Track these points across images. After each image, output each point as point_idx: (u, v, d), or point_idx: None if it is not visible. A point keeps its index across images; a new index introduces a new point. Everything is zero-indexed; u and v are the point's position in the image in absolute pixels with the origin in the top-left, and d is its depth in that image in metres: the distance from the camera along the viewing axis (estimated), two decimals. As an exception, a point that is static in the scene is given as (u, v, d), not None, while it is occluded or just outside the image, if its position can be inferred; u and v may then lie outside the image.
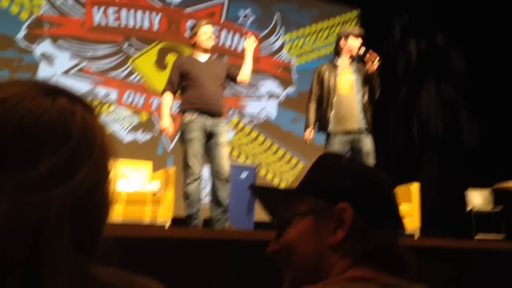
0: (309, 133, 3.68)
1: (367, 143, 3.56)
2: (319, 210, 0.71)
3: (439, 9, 6.42)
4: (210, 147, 3.40)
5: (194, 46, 3.54)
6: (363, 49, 3.63)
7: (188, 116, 3.34)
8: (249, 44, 3.57)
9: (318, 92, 3.69)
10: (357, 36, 3.67)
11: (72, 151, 0.44)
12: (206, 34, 3.50)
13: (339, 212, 0.69)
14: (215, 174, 3.37)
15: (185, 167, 3.34)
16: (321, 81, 3.69)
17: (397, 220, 0.73)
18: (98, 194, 0.47)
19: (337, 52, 3.74)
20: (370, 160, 3.52)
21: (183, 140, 3.37)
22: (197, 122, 3.33)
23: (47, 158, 0.43)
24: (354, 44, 3.65)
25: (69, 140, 0.45)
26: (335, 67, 3.69)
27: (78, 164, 0.45)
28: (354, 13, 6.92)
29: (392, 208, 0.73)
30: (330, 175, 0.74)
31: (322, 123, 3.64)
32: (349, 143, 3.55)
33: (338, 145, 3.53)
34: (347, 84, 3.62)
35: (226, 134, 3.48)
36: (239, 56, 5.98)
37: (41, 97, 0.46)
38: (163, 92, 3.50)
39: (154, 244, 2.52)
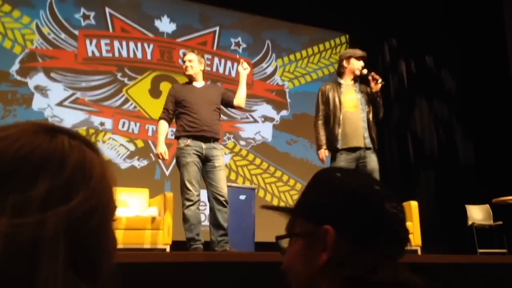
0: (323, 152, 3.65)
1: (372, 160, 3.56)
2: (308, 233, 0.71)
3: (426, 32, 6.57)
4: (207, 171, 3.42)
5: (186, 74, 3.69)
6: (365, 70, 3.71)
7: (183, 142, 3.40)
8: (243, 70, 3.65)
9: (324, 111, 3.71)
10: (358, 58, 3.74)
11: (68, 177, 0.48)
12: (184, 64, 3.66)
13: (323, 235, 0.68)
14: (214, 197, 3.37)
15: (183, 191, 3.35)
16: (326, 100, 3.71)
17: (393, 238, 0.68)
18: (95, 219, 0.49)
19: (340, 73, 3.81)
20: (376, 177, 3.50)
21: (179, 164, 3.40)
22: (193, 147, 3.38)
23: (43, 182, 0.46)
24: (356, 65, 3.72)
25: (65, 167, 0.48)
26: (339, 86, 3.74)
27: (74, 190, 0.48)
28: (343, 39, 7.06)
29: (385, 225, 0.68)
30: (320, 195, 0.72)
31: (330, 141, 3.64)
32: (355, 160, 3.56)
33: (344, 162, 3.53)
34: (351, 102, 3.66)
35: (222, 158, 3.50)
36: (233, 82, 6.05)
37: (40, 133, 0.50)
38: (159, 119, 3.59)
39: (155, 268, 2.47)
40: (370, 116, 3.64)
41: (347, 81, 3.75)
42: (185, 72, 3.65)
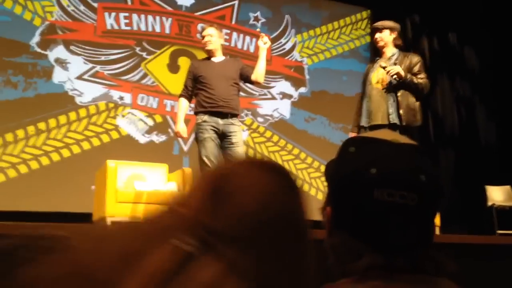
0: (350, 134, 3.68)
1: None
2: (322, 210, 0.72)
3: (450, 8, 6.39)
4: (225, 148, 3.42)
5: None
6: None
7: (200, 118, 3.42)
8: (263, 44, 3.59)
9: (362, 89, 3.72)
10: (373, 31, 3.75)
11: None
12: (203, 39, 3.62)
13: (325, 216, 0.69)
14: None
15: (201, 166, 3.38)
16: (364, 79, 3.71)
17: (382, 226, 0.63)
18: None
19: (375, 49, 3.85)
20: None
21: (197, 140, 3.43)
22: (210, 122, 3.39)
23: None
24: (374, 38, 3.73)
25: None
26: (375, 62, 3.74)
27: None
28: (365, 14, 6.90)
29: (373, 214, 0.63)
30: (329, 173, 0.72)
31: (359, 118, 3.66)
32: None
33: None
34: (377, 77, 3.60)
35: (240, 134, 3.50)
36: (251, 57, 5.99)
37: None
38: (179, 97, 3.63)
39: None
40: (401, 91, 3.50)
41: (381, 56, 3.71)
42: (205, 47, 3.62)
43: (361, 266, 0.62)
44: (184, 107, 3.57)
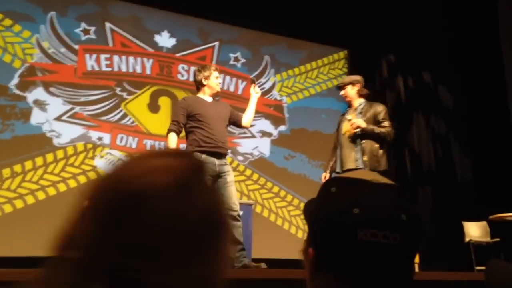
0: (324, 176, 4.05)
1: None
2: (304, 251, 0.72)
3: (423, 48, 6.62)
4: (220, 187, 3.38)
5: (201, 88, 3.60)
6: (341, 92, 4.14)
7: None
8: (255, 93, 3.72)
9: (335, 138, 4.13)
10: (338, 88, 4.17)
11: None
12: (218, 78, 3.64)
13: (307, 257, 0.69)
14: (227, 213, 3.32)
15: None
16: (337, 129, 4.12)
17: (367, 266, 0.64)
18: None
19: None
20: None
21: None
22: (207, 163, 3.33)
23: None
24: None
25: None
26: (345, 113, 4.11)
27: None
28: (342, 54, 7.10)
29: (357, 254, 0.64)
30: (311, 213, 0.72)
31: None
32: None
33: None
34: (345, 129, 3.96)
35: (232, 173, 3.52)
36: (231, 96, 6.08)
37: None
38: (168, 132, 3.49)
39: None
40: (364, 140, 3.84)
41: (351, 107, 4.08)
42: (216, 89, 3.61)
43: None
44: (175, 142, 3.45)
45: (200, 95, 3.61)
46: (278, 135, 6.40)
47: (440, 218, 5.93)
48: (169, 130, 3.48)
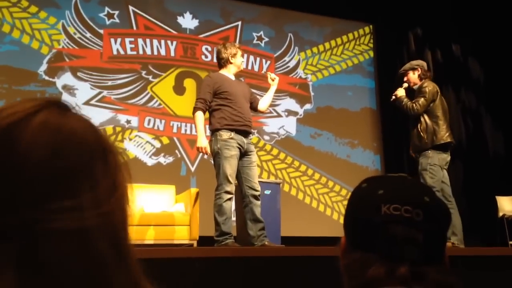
0: None
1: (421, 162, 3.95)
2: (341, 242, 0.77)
3: (452, 20, 6.42)
4: (244, 167, 3.39)
5: (226, 65, 3.55)
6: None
7: (226, 134, 3.31)
8: (272, 81, 3.68)
9: None
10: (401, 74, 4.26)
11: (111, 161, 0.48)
12: (242, 56, 3.64)
13: (340, 246, 0.74)
14: (250, 192, 3.35)
15: (223, 183, 3.26)
16: None
17: (390, 239, 0.66)
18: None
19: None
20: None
21: (221, 156, 3.28)
22: (237, 140, 3.33)
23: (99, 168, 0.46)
24: None
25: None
26: None
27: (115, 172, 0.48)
28: (367, 29, 6.96)
29: (381, 228, 0.67)
30: (346, 207, 0.77)
31: None
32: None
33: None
34: None
35: (255, 154, 3.53)
36: (255, 76, 6.05)
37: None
38: (195, 110, 3.41)
39: (183, 263, 2.50)
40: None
41: None
42: (241, 67, 3.64)
43: (369, 276, 0.65)
44: (203, 120, 3.40)
45: (224, 72, 3.56)
46: (304, 114, 6.36)
47: (472, 193, 5.82)
48: (196, 108, 3.41)
